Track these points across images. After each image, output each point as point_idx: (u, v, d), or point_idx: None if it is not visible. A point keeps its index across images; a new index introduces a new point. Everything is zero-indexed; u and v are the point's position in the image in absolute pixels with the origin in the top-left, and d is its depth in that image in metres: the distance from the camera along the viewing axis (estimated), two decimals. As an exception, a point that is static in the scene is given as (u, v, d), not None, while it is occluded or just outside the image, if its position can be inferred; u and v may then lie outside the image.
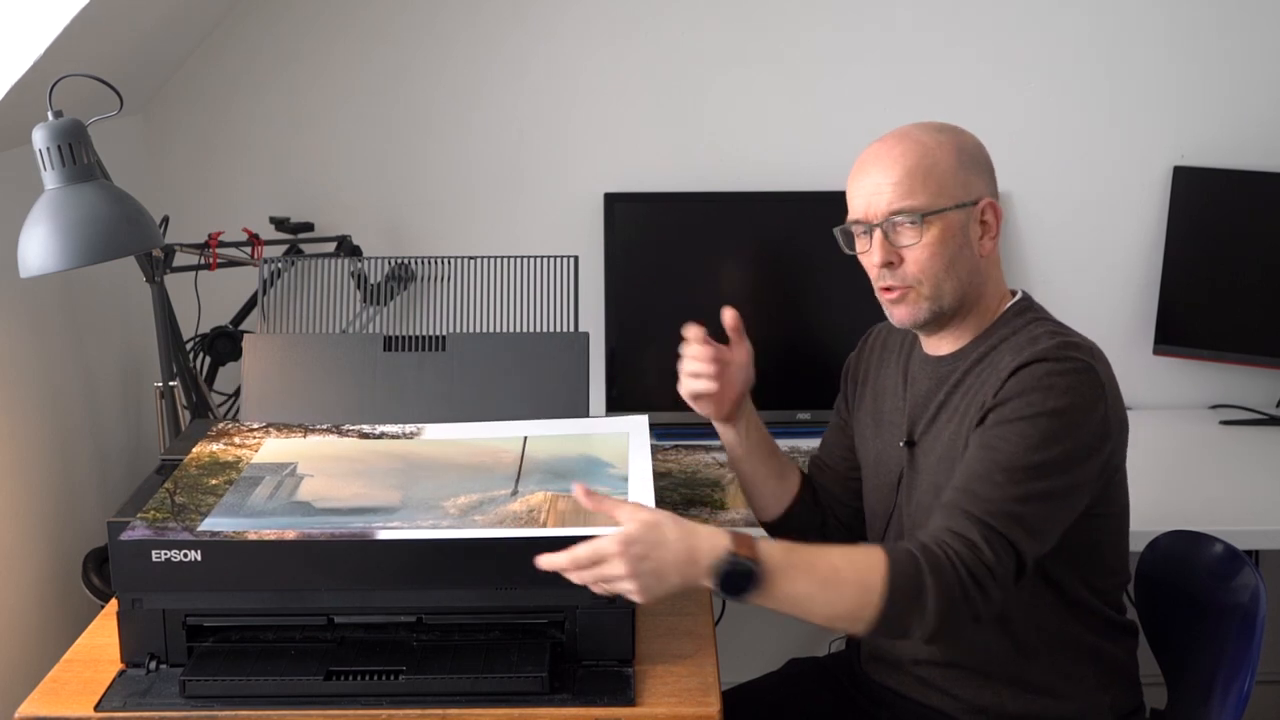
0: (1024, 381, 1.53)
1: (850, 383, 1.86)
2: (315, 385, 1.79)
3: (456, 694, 1.49)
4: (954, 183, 1.59)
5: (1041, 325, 1.62)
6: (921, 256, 1.60)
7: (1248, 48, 2.53)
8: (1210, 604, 1.72)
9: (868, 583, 1.43)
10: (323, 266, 1.85)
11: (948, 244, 1.59)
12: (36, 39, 1.77)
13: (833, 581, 1.44)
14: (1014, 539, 1.47)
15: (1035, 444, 1.50)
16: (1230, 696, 1.62)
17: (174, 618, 1.53)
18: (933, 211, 1.58)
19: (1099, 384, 1.55)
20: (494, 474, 1.63)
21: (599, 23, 2.53)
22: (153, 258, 2.13)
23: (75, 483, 2.24)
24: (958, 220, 1.60)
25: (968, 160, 1.61)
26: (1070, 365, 1.53)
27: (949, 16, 2.52)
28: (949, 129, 1.63)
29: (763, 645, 2.36)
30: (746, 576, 1.40)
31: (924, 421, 1.68)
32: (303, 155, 2.57)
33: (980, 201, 1.61)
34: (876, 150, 1.63)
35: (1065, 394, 1.51)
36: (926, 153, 1.59)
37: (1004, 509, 1.48)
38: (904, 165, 1.59)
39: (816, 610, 1.45)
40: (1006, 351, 1.60)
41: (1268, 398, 2.61)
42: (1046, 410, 1.51)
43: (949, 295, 1.62)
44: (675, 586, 1.41)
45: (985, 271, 1.64)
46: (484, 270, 1.83)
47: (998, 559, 1.46)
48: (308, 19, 2.51)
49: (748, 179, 2.56)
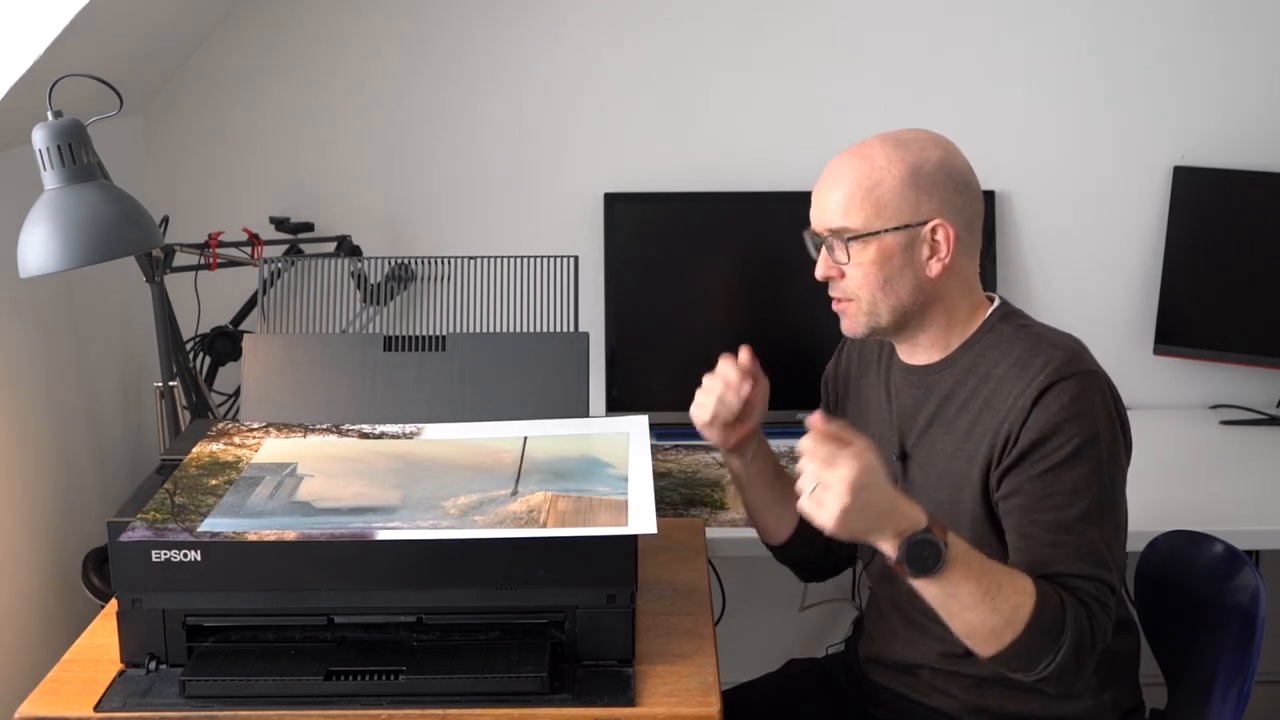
0: (1053, 412, 1.53)
1: (830, 394, 1.86)
2: (315, 385, 1.79)
3: (456, 694, 1.49)
4: (897, 204, 1.57)
5: (1030, 334, 1.62)
6: (856, 275, 1.61)
7: (1248, 48, 2.53)
8: (1210, 604, 1.72)
9: (1019, 607, 1.45)
10: (323, 266, 1.85)
11: (883, 266, 1.59)
12: (36, 39, 1.77)
13: (993, 593, 1.44)
14: (1114, 581, 1.53)
15: (1090, 480, 1.53)
16: (1230, 696, 1.62)
17: (174, 618, 1.53)
18: (868, 234, 1.58)
19: (1107, 387, 1.58)
20: (494, 474, 1.63)
21: (599, 23, 2.53)
22: (153, 258, 2.13)
23: (75, 483, 2.24)
24: (896, 242, 1.58)
25: (921, 180, 1.57)
26: (1088, 382, 1.55)
27: (949, 16, 2.52)
28: (914, 144, 1.60)
29: (763, 645, 2.36)
30: (935, 554, 1.42)
31: (915, 433, 1.67)
32: (303, 155, 2.57)
33: (929, 223, 1.58)
34: (832, 164, 1.63)
35: (1090, 416, 1.54)
36: (872, 172, 1.58)
37: (1098, 556, 1.51)
38: (847, 184, 1.59)
39: (967, 615, 1.46)
40: (1003, 364, 1.60)
41: (1268, 398, 2.61)
42: (1087, 440, 1.53)
43: (885, 314, 1.62)
44: (862, 529, 1.41)
45: (938, 289, 1.61)
46: (484, 270, 1.83)
47: (1111, 606, 1.52)
48: (308, 19, 2.51)
49: (748, 179, 2.55)
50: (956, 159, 1.62)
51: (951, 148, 1.63)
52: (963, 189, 1.60)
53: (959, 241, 1.59)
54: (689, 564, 1.85)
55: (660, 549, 1.89)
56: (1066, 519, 1.52)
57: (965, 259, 1.63)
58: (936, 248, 1.59)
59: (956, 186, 1.60)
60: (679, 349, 2.50)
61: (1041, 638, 1.45)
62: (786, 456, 2.34)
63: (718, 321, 2.54)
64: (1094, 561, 1.51)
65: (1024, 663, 1.47)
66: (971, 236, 1.63)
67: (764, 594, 2.67)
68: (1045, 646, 1.46)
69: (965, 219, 1.61)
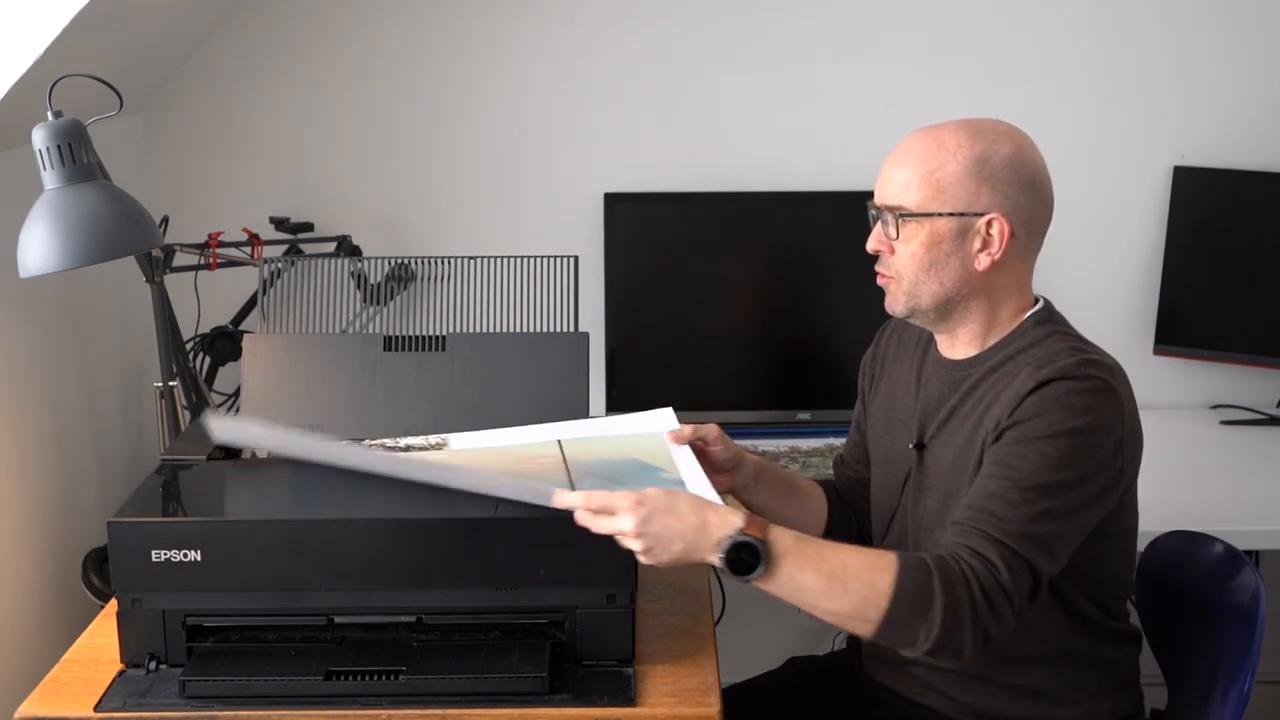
0: (1044, 400, 1.51)
1: (866, 378, 1.86)
2: (315, 385, 1.78)
3: (456, 694, 1.49)
4: (956, 190, 1.56)
5: (1061, 339, 1.59)
6: (904, 254, 1.60)
7: (1248, 48, 2.53)
8: (1210, 604, 1.72)
9: (876, 583, 1.43)
10: (323, 266, 1.85)
11: (931, 249, 1.58)
12: (36, 39, 1.77)
13: (839, 576, 1.43)
14: (1031, 560, 1.47)
15: (1053, 463, 1.49)
16: (1230, 697, 1.62)
17: (174, 618, 1.53)
18: (922, 214, 1.57)
19: (1118, 404, 1.53)
20: (545, 480, 1.58)
21: (599, 23, 2.53)
22: (153, 258, 2.13)
23: (75, 483, 2.24)
24: (948, 228, 1.57)
25: (985, 171, 1.55)
26: (1091, 384, 1.52)
27: (949, 17, 2.52)
28: (988, 134, 1.57)
29: (763, 644, 2.36)
30: (753, 556, 1.42)
31: (934, 425, 1.67)
32: (302, 155, 2.57)
33: (985, 215, 1.56)
34: (904, 140, 1.62)
35: (1084, 413, 1.50)
36: (938, 154, 1.57)
37: (1022, 529, 1.47)
38: (911, 162, 1.58)
39: (822, 604, 1.45)
40: (1024, 364, 1.57)
41: (1268, 398, 2.61)
42: (1066, 429, 1.50)
43: (926, 297, 1.60)
44: (681, 555, 1.44)
45: (984, 283, 1.60)
46: (484, 270, 1.83)
47: (1014, 579, 1.45)
48: (308, 19, 2.51)
49: (748, 179, 2.56)
50: (1030, 158, 1.59)
51: (1027, 145, 1.59)
52: (1028, 188, 1.58)
53: (1013, 240, 1.57)
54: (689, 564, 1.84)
55: (660, 549, 1.88)
56: (1009, 487, 1.48)
57: (1019, 260, 1.60)
58: (989, 242, 1.57)
59: (1023, 185, 1.57)
60: (679, 349, 2.50)
61: (909, 611, 1.42)
62: (786, 456, 2.35)
63: (718, 321, 2.54)
64: (1014, 532, 1.46)
65: (903, 637, 1.45)
66: (1030, 239, 1.60)
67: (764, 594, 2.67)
68: (916, 617, 1.43)
69: (1025, 219, 1.58)
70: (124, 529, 1.51)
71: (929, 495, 1.66)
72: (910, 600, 1.43)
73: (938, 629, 1.43)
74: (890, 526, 1.73)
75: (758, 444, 2.39)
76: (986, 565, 1.45)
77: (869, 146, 2.55)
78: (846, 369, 2.53)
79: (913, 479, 1.69)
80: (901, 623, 1.43)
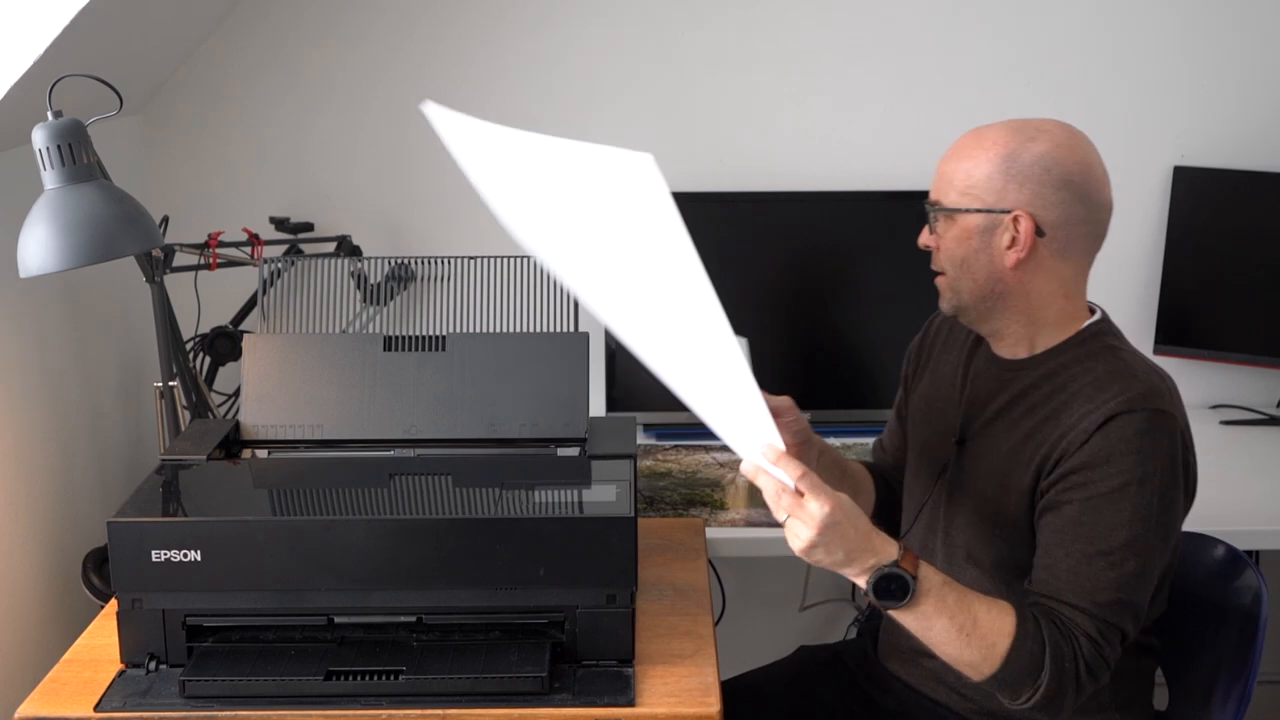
0: (1113, 442, 1.51)
1: (910, 365, 1.87)
2: (315, 385, 1.78)
3: (456, 694, 1.49)
4: (984, 187, 1.57)
5: (1117, 358, 1.59)
6: (943, 249, 1.62)
7: (1248, 48, 2.53)
8: (1212, 605, 1.72)
9: (995, 645, 1.48)
10: (323, 266, 1.85)
11: (962, 244, 1.59)
12: (36, 39, 1.77)
13: (967, 631, 1.48)
14: (1124, 626, 1.51)
15: (1129, 519, 1.50)
16: (1232, 698, 1.62)
17: (174, 618, 1.53)
18: (954, 210, 1.59)
19: (1178, 432, 1.54)
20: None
21: (599, 23, 2.53)
22: (153, 258, 2.13)
23: (75, 483, 2.24)
24: (975, 224, 1.58)
25: (1014, 168, 1.55)
26: (1156, 420, 1.52)
27: (949, 17, 2.52)
28: (1026, 132, 1.57)
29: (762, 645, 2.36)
30: (902, 587, 1.45)
31: (979, 423, 1.66)
32: (302, 155, 2.57)
33: (1010, 212, 1.56)
34: (960, 137, 1.63)
35: (1153, 456, 1.51)
36: (975, 151, 1.59)
37: (1113, 598, 1.50)
38: (953, 159, 1.61)
39: (944, 648, 1.49)
40: (1083, 382, 1.57)
41: (1268, 398, 2.61)
42: (1137, 479, 1.50)
43: (965, 293, 1.62)
44: (837, 563, 1.45)
45: (1019, 282, 1.59)
46: (484, 270, 1.83)
47: (1111, 647, 1.50)
48: (308, 19, 2.51)
49: (748, 179, 2.55)
50: (1069, 156, 1.57)
51: (1070, 144, 1.58)
52: (1063, 186, 1.56)
53: (1044, 239, 1.57)
54: (689, 564, 1.85)
55: (660, 549, 1.89)
56: (1093, 552, 1.50)
57: (1057, 260, 1.59)
58: (1016, 239, 1.57)
59: (1055, 183, 1.56)
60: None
61: (1018, 675, 1.48)
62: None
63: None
64: (1105, 602, 1.50)
65: (1006, 694, 1.50)
66: (1069, 240, 1.58)
67: (764, 594, 2.68)
68: (1023, 683, 1.48)
69: (1059, 218, 1.57)
70: (124, 529, 1.51)
71: (964, 492, 1.66)
72: (1022, 668, 1.48)
73: (1040, 696, 1.48)
74: (919, 516, 1.73)
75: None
76: (1091, 642, 1.50)
77: (869, 147, 2.57)
78: (850, 370, 2.54)
79: (949, 473, 1.69)
80: (1009, 683, 1.49)
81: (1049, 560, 1.53)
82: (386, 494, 1.64)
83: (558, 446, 1.76)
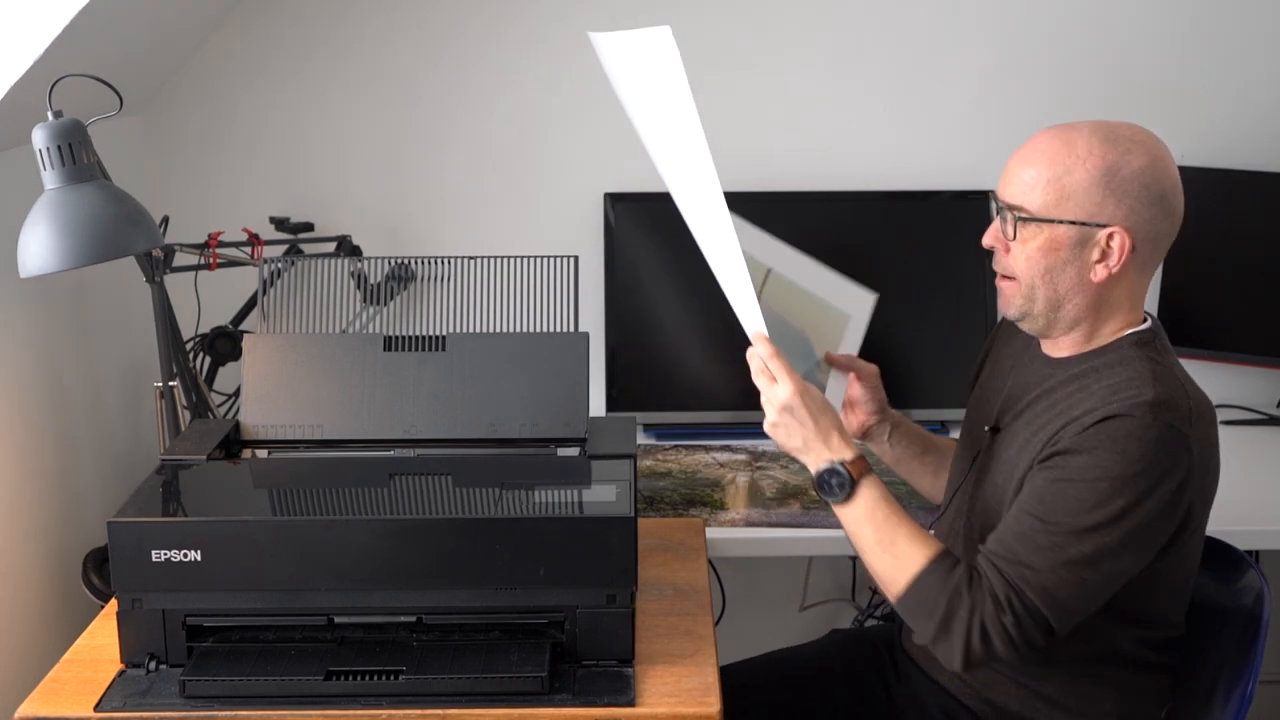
0: (1102, 439, 1.48)
1: (984, 349, 1.86)
2: (315, 385, 1.79)
3: (456, 694, 1.49)
4: (1081, 199, 1.52)
5: (1151, 366, 1.54)
6: (1020, 256, 1.57)
7: (1248, 48, 2.53)
8: (1213, 605, 1.72)
9: (904, 569, 1.55)
10: (323, 266, 1.85)
11: (1049, 255, 1.55)
12: (36, 39, 1.77)
13: (884, 546, 1.57)
14: (1045, 612, 1.48)
15: (1089, 508, 1.47)
16: (1233, 698, 1.62)
17: (174, 618, 1.54)
18: (1043, 219, 1.54)
19: (1184, 450, 1.48)
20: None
21: (599, 22, 2.52)
22: (153, 258, 2.13)
23: (75, 483, 2.24)
24: (1068, 236, 1.53)
25: (1114, 182, 1.51)
26: (1156, 430, 1.47)
27: (947, 17, 2.52)
28: (1122, 142, 1.53)
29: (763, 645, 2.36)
30: (841, 485, 1.59)
31: (1011, 413, 1.66)
32: (303, 155, 2.57)
33: (1107, 227, 1.52)
34: (1036, 137, 1.57)
35: (1138, 460, 1.46)
36: (1067, 158, 1.53)
37: (1041, 581, 1.48)
38: (1039, 163, 1.54)
39: (866, 557, 1.60)
40: (1104, 381, 1.54)
41: (1268, 398, 2.61)
42: (1111, 475, 1.47)
43: (1040, 302, 1.58)
44: (795, 448, 1.62)
45: (1099, 295, 1.57)
46: (484, 270, 1.83)
47: (1018, 625, 1.48)
48: (308, 19, 2.51)
49: (748, 179, 2.55)
50: (1163, 171, 1.55)
51: (1163, 158, 1.55)
52: (1158, 203, 1.54)
53: (1134, 255, 1.54)
54: (689, 564, 1.85)
55: (660, 549, 1.89)
56: (1039, 525, 1.49)
57: (1137, 274, 1.58)
58: (1108, 254, 1.53)
59: (1152, 199, 1.53)
60: (679, 349, 2.50)
61: (917, 607, 1.53)
62: (786, 456, 2.35)
63: (717, 321, 2.53)
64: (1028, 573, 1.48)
65: (913, 625, 1.56)
66: (1153, 254, 1.57)
67: (764, 594, 2.67)
68: (920, 617, 1.53)
69: (1149, 234, 1.55)
70: (124, 529, 1.51)
71: (987, 479, 1.66)
72: (918, 601, 1.54)
73: (931, 636, 1.53)
74: (953, 498, 1.75)
75: (758, 444, 2.38)
76: (995, 605, 1.48)
77: (869, 147, 2.57)
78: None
79: (980, 459, 1.70)
80: (910, 612, 1.55)
81: (1001, 523, 1.54)
82: (386, 494, 1.64)
83: (558, 446, 1.76)
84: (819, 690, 1.86)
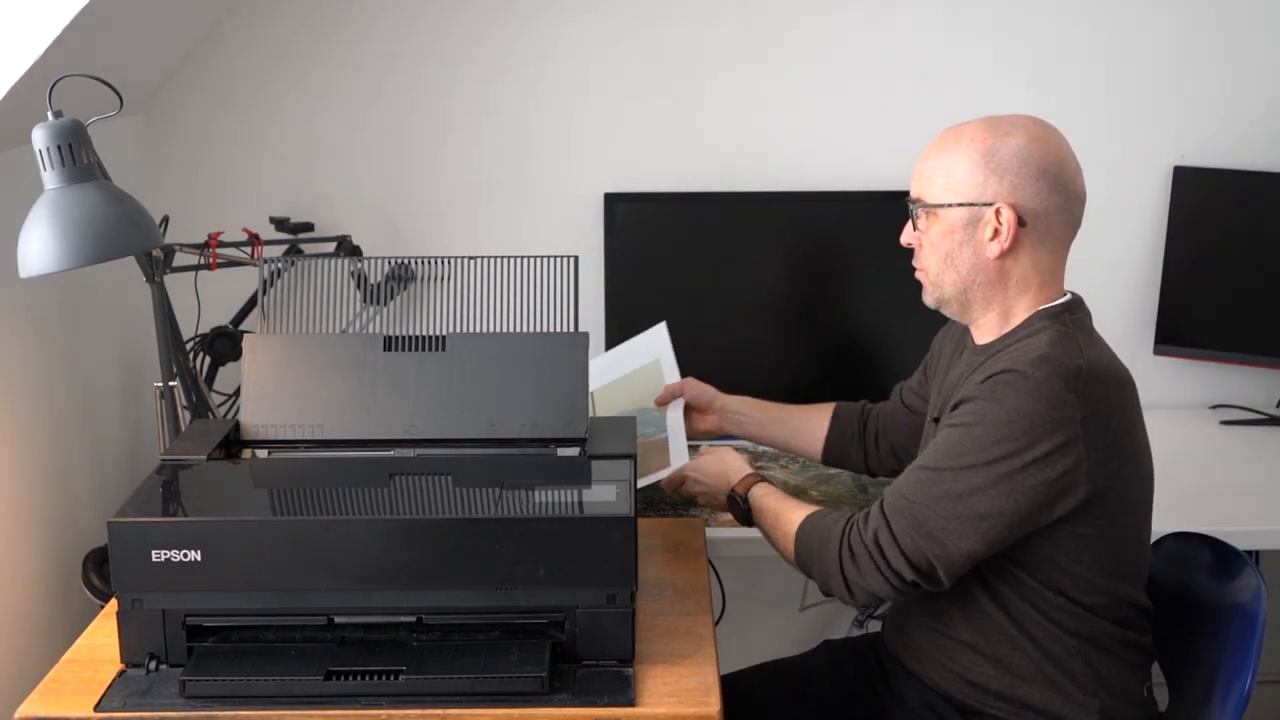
0: (984, 389, 1.57)
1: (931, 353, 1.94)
2: (315, 385, 1.78)
3: (456, 694, 1.49)
4: (965, 182, 1.61)
5: (1054, 334, 1.60)
6: (926, 246, 1.68)
7: (1248, 48, 2.53)
8: (1211, 605, 1.72)
9: (788, 533, 1.72)
10: (323, 266, 1.85)
11: (946, 239, 1.65)
12: (36, 39, 1.77)
13: (771, 524, 1.76)
14: (916, 539, 1.58)
15: (964, 450, 1.56)
16: (1231, 697, 1.62)
17: (174, 618, 1.53)
18: (936, 206, 1.64)
19: (1065, 405, 1.52)
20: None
21: (599, 23, 2.53)
22: (153, 258, 2.13)
23: (75, 483, 2.24)
24: (960, 218, 1.63)
25: (994, 161, 1.60)
26: (1034, 382, 1.53)
27: (948, 17, 2.52)
28: (1002, 126, 1.62)
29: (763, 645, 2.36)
30: (742, 502, 1.82)
31: (950, 404, 1.68)
32: (303, 155, 2.57)
33: (992, 205, 1.60)
34: (936, 137, 1.68)
35: (1013, 409, 1.53)
36: (954, 147, 1.63)
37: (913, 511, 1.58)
38: (931, 156, 1.66)
39: (772, 545, 1.78)
40: (1012, 352, 1.60)
41: (1268, 398, 2.61)
42: (987, 421, 1.55)
43: (948, 287, 1.67)
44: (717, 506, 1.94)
45: (1001, 272, 1.64)
46: (484, 270, 1.83)
47: (890, 546, 1.59)
48: (308, 19, 2.51)
49: (748, 179, 2.56)
50: (1044, 149, 1.61)
51: (1044, 137, 1.62)
52: (1039, 177, 1.60)
53: (1025, 229, 1.61)
54: (689, 564, 1.85)
55: (660, 549, 1.89)
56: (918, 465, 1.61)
57: (1037, 249, 1.63)
58: (999, 231, 1.61)
59: (1033, 174, 1.60)
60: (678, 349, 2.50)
61: (805, 557, 1.69)
62: (787, 455, 2.35)
63: (718, 321, 2.54)
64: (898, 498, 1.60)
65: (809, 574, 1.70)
66: (1048, 229, 1.62)
67: (764, 594, 2.67)
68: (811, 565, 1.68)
69: (1037, 208, 1.61)
70: (124, 529, 1.51)
71: None
72: (805, 549, 1.69)
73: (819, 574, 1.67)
74: None
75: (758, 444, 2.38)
76: (863, 523, 1.62)
77: (868, 146, 2.57)
78: (847, 367, 2.54)
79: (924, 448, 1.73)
80: (801, 565, 1.70)
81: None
82: (386, 494, 1.64)
83: (558, 446, 1.76)
84: (811, 700, 1.86)
